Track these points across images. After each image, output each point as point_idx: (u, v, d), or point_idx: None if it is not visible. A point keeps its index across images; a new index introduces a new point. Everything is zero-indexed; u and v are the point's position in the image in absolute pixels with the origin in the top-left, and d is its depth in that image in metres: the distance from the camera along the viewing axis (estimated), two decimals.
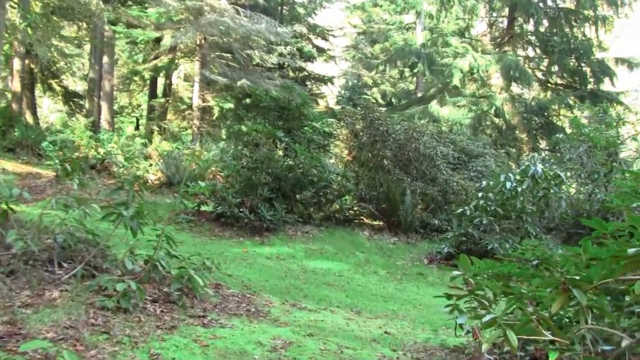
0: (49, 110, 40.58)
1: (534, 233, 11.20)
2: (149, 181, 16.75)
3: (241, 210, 11.96)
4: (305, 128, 13.24)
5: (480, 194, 11.68)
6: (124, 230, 6.20)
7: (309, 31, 32.84)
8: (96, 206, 6.65)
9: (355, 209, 14.23)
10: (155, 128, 27.25)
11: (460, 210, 11.57)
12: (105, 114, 26.93)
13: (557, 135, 20.73)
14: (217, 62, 25.33)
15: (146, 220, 6.34)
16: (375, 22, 36.73)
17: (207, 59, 24.85)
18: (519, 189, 11.02)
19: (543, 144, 23.78)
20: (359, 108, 15.87)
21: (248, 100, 17.84)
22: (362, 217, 14.41)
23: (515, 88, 24.64)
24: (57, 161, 17.20)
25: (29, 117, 25.49)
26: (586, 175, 13.49)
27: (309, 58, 32.86)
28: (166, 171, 16.30)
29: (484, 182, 11.77)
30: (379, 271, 10.50)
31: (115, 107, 36.58)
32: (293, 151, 12.67)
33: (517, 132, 23.15)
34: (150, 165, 17.58)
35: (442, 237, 13.42)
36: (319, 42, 34.59)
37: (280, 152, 13.28)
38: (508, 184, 10.99)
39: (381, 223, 14.64)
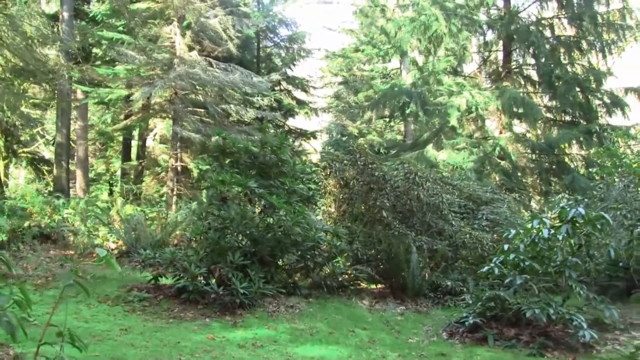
0: (26, 180, 38.43)
1: (580, 291, 8.73)
2: (109, 250, 14.37)
3: (207, 282, 9.50)
4: (285, 178, 10.75)
5: (506, 247, 9.26)
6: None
7: (287, 83, 31.13)
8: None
9: (350, 272, 11.71)
10: (129, 193, 25.09)
11: (486, 268, 9.06)
12: (79, 181, 25.15)
13: (570, 175, 18.63)
14: (191, 119, 23.27)
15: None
16: (358, 69, 34.91)
17: (179, 114, 22.79)
18: (559, 237, 8.68)
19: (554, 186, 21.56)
20: (346, 150, 13.55)
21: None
22: (359, 282, 11.94)
23: (517, 127, 22.56)
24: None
25: None
26: (634, 216, 10.94)
27: (289, 111, 31.00)
28: (126, 238, 13.94)
29: (512, 232, 9.33)
30: (388, 355, 7.92)
31: (92, 174, 34.88)
32: (271, 206, 10.20)
33: (525, 174, 20.94)
34: (110, 232, 15.15)
35: (459, 301, 11.03)
36: (299, 94, 32.85)
37: (256, 209, 10.86)
38: (545, 232, 8.60)
39: (382, 286, 12.23)
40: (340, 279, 11.28)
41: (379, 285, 12.39)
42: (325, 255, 11.18)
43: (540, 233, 8.65)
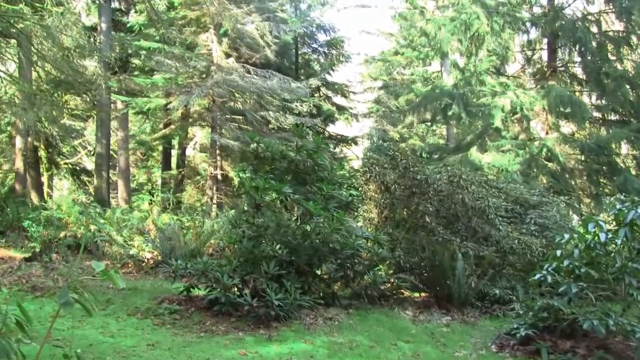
0: (69, 191, 38.84)
1: None
2: (145, 260, 14.11)
3: (241, 294, 9.03)
4: (322, 183, 10.19)
5: (558, 252, 8.61)
6: None
7: (327, 88, 30.74)
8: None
9: (392, 281, 11.10)
10: (169, 202, 25.04)
11: (538, 275, 8.38)
12: (121, 191, 25.38)
13: (622, 176, 17.78)
14: (229, 126, 23.01)
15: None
16: (398, 73, 34.31)
17: (217, 122, 22.60)
18: (617, 241, 8.02)
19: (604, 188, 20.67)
20: (387, 154, 12.95)
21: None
22: (401, 291, 11.35)
23: (563, 128, 21.72)
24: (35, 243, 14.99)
25: (34, 198, 23.35)
26: None
27: (329, 117, 30.59)
28: (161, 247, 13.60)
29: (566, 236, 8.66)
30: None
31: (134, 184, 35.09)
32: (308, 213, 9.66)
33: (573, 176, 20.10)
34: (145, 241, 14.84)
35: (508, 310, 10.41)
36: (339, 100, 32.45)
37: (292, 216, 10.36)
38: (602, 236, 7.94)
39: (426, 294, 11.64)
40: (381, 288, 10.70)
41: (423, 294, 11.81)
42: (365, 264, 10.62)
43: (597, 237, 7.99)
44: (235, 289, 9.22)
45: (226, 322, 8.72)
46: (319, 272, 10.43)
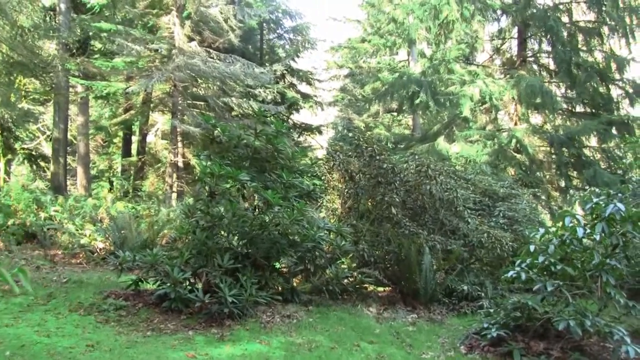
0: (26, 177, 37.69)
1: (620, 299, 7.50)
2: (97, 251, 13.33)
3: (192, 289, 8.36)
4: (282, 170, 9.51)
5: (532, 247, 8.07)
6: None
7: (291, 75, 30.09)
8: None
9: (355, 275, 10.48)
10: (127, 190, 24.26)
11: (511, 272, 7.81)
12: (80, 178, 24.31)
13: (592, 169, 17.44)
14: (191, 112, 22.25)
15: None
16: (364, 61, 33.72)
17: (178, 108, 21.81)
18: (595, 237, 7.50)
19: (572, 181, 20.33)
20: (351, 143, 12.30)
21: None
22: (365, 286, 10.74)
23: (531, 119, 21.30)
24: None
25: None
26: None
27: (293, 105, 29.96)
28: (112, 237, 12.86)
29: (541, 230, 8.13)
30: None
31: (94, 171, 34.16)
32: (266, 202, 8.98)
33: (542, 168, 19.70)
34: (98, 231, 14.04)
35: (477, 308, 9.93)
36: (304, 88, 31.83)
37: (250, 205, 9.66)
38: (580, 231, 7.41)
39: (390, 289, 11.06)
40: (344, 284, 10.04)
41: (387, 289, 11.22)
42: (327, 257, 9.94)
43: (574, 232, 7.47)
44: (187, 284, 8.55)
45: (176, 320, 8.05)
46: (277, 266, 9.79)
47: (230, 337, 7.48)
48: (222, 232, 8.80)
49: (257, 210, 9.36)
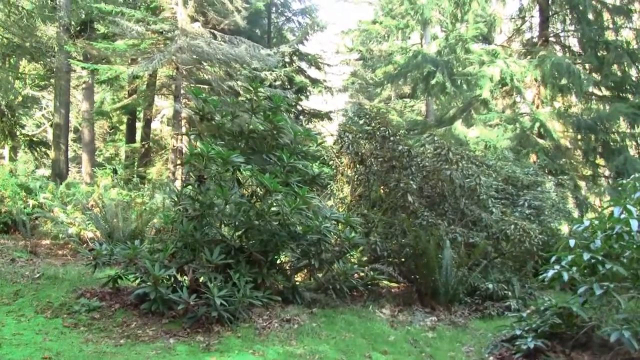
0: (10, 162, 37.10)
1: None
2: (87, 241, 12.25)
3: (176, 288, 7.19)
4: (282, 152, 8.27)
5: (572, 242, 6.86)
6: None
7: (300, 59, 28.89)
8: None
9: (366, 271, 9.29)
10: (128, 177, 23.27)
11: (551, 272, 6.58)
12: (85, 166, 23.55)
13: (622, 155, 16.20)
14: (194, 96, 21.12)
15: None
16: (376, 43, 32.38)
17: (181, 91, 20.76)
18: None
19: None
20: (363, 122, 11.07)
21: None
22: (377, 283, 9.56)
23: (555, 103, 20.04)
24: None
25: None
26: None
27: (302, 90, 28.76)
28: (98, 227, 11.76)
29: (586, 222, 6.89)
30: None
31: (100, 158, 33.36)
32: (264, 188, 7.77)
33: (567, 155, 18.42)
34: (89, 220, 12.94)
35: (503, 308, 8.81)
36: (313, 72, 30.62)
37: (245, 191, 8.44)
38: (634, 224, 6.19)
39: (404, 285, 9.88)
40: (353, 281, 8.80)
41: (401, 285, 10.04)
42: (334, 251, 8.75)
43: (628, 225, 6.25)
44: (171, 282, 7.39)
45: (156, 324, 6.88)
46: (276, 261, 8.58)
47: (218, 347, 6.32)
48: (212, 223, 7.61)
49: (253, 197, 8.18)
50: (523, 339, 6.60)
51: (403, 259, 9.65)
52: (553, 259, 6.89)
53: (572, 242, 6.82)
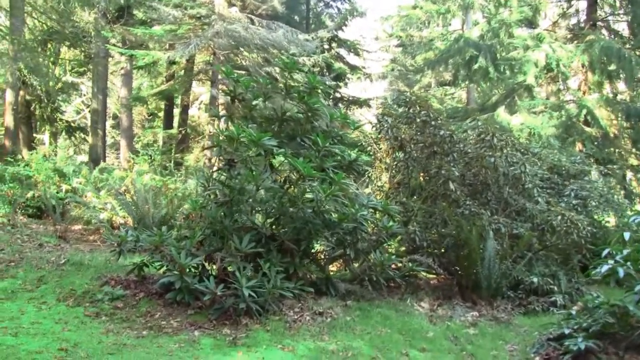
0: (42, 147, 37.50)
1: None
2: (118, 226, 12.07)
3: (202, 277, 6.83)
4: (318, 136, 7.79)
5: (627, 235, 6.36)
6: None
7: (338, 45, 28.44)
8: None
9: (404, 262, 8.84)
10: (165, 162, 23.12)
11: (605, 267, 6.07)
12: (123, 152, 24.05)
13: None
14: (230, 82, 20.83)
15: None
16: (417, 27, 31.75)
17: (217, 77, 20.55)
18: None
19: None
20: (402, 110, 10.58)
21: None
22: (415, 275, 9.11)
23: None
24: None
25: (25, 155, 21.43)
26: None
27: (340, 76, 28.32)
28: (128, 212, 11.51)
29: None
30: None
31: (139, 145, 33.49)
32: (297, 173, 7.36)
33: (616, 144, 17.69)
34: (121, 205, 12.72)
35: (548, 303, 8.32)
36: (352, 59, 30.16)
37: (278, 177, 8.02)
38: None
39: (443, 277, 9.40)
40: (390, 272, 8.32)
41: (441, 276, 9.56)
42: (371, 240, 8.31)
43: None
44: (198, 271, 7.04)
45: (181, 315, 6.55)
46: (310, 250, 8.16)
47: (245, 341, 5.95)
48: (243, 209, 7.22)
49: (287, 183, 7.78)
50: (573, 339, 6.10)
51: (443, 250, 9.17)
52: (605, 252, 6.41)
53: (627, 235, 6.33)
